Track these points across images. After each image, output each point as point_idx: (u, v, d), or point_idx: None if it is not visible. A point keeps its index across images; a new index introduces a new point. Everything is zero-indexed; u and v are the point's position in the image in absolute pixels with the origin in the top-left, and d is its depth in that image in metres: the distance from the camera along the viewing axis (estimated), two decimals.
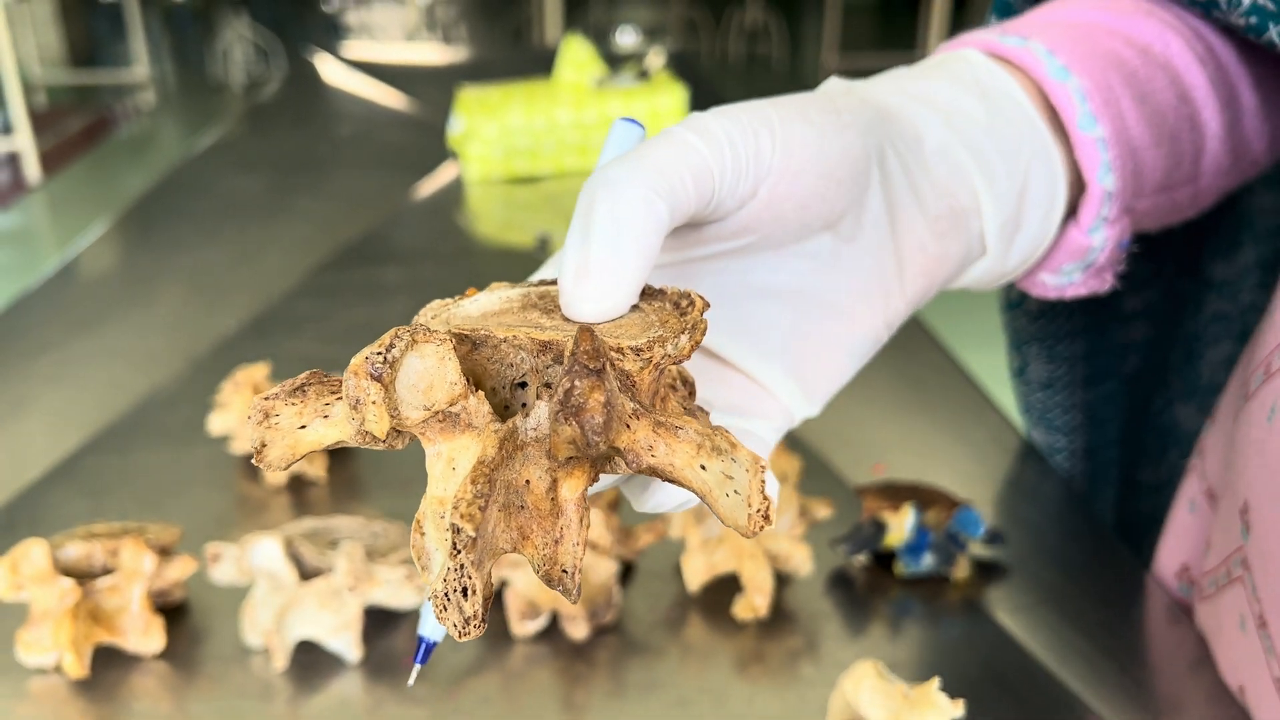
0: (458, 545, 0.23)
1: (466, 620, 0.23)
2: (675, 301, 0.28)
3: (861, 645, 0.48)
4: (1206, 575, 0.48)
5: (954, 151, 0.35)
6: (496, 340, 0.26)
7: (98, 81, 4.91)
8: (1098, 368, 0.59)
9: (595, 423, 0.23)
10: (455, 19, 6.04)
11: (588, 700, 0.45)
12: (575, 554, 0.24)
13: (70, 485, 0.59)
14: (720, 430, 0.25)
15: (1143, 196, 0.41)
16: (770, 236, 0.32)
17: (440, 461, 0.25)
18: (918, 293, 0.35)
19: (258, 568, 0.46)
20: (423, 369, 0.24)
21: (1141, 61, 0.41)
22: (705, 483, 0.25)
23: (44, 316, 0.83)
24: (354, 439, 0.25)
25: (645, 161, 0.28)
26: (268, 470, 0.25)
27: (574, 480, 0.25)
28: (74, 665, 0.44)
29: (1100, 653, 0.48)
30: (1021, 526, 0.56)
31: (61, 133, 3.99)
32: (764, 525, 0.25)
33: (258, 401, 0.25)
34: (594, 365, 0.24)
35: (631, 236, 0.27)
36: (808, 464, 0.60)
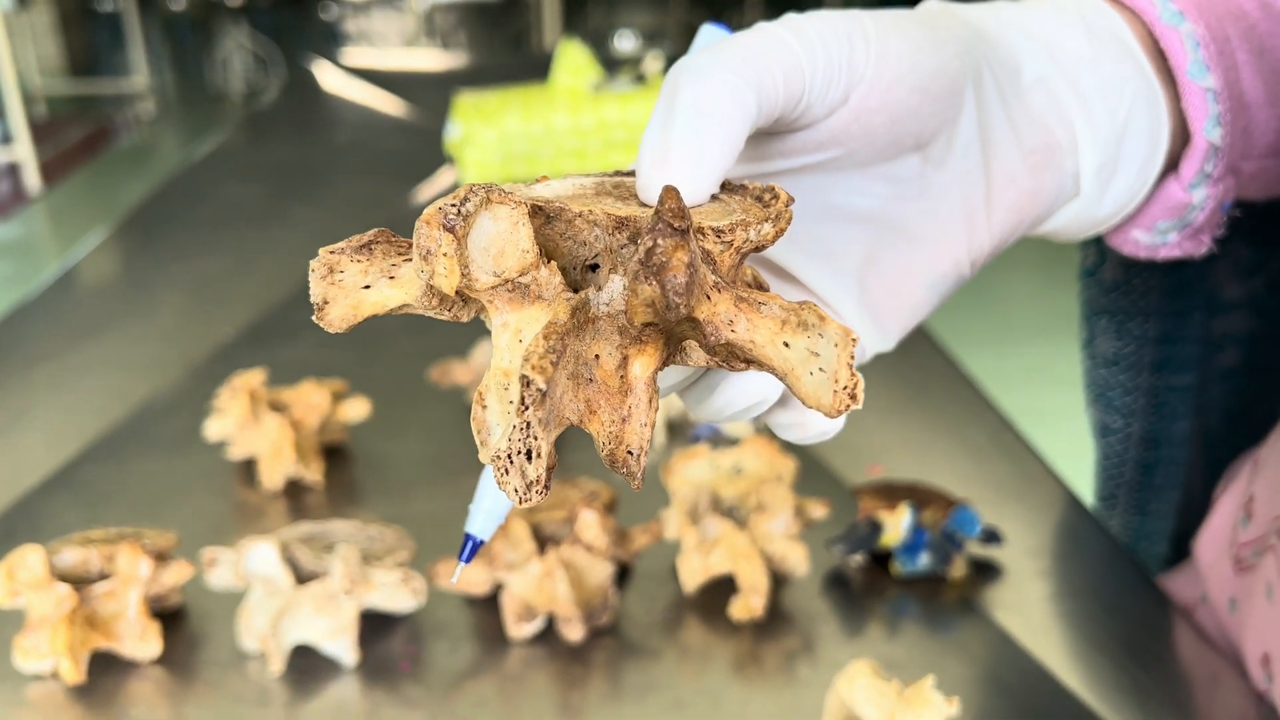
0: (526, 400, 0.21)
1: (529, 485, 0.22)
2: (758, 195, 0.27)
3: (858, 645, 0.48)
4: (1249, 545, 0.47)
5: (1053, 84, 0.34)
6: (571, 215, 0.24)
7: (97, 91, 4.92)
8: (1173, 355, 0.56)
9: (677, 283, 0.22)
10: (454, 25, 6.05)
11: (584, 702, 0.45)
12: (643, 435, 0.24)
13: (68, 493, 0.59)
14: (808, 305, 0.24)
15: (1251, 158, 0.39)
16: (857, 153, 0.31)
17: (507, 332, 0.24)
18: (1005, 229, 0.34)
19: (253, 572, 0.46)
20: (495, 232, 0.23)
21: (1263, 15, 0.39)
22: (788, 361, 0.24)
23: (43, 325, 0.83)
24: (420, 301, 0.24)
25: (734, 51, 0.27)
26: (328, 328, 0.24)
27: (645, 358, 0.24)
28: (71, 671, 0.44)
29: (1097, 651, 0.48)
30: (1018, 526, 0.56)
31: (61, 143, 4.00)
32: (850, 405, 0.23)
33: (323, 255, 0.24)
34: (679, 224, 0.22)
35: (716, 122, 0.26)
36: (804, 464, 0.60)
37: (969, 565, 0.53)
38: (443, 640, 0.48)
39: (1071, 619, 0.50)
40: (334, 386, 0.63)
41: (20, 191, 3.53)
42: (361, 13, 6.55)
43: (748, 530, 0.50)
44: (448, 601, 0.50)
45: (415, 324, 0.81)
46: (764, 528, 0.50)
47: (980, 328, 2.44)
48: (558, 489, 0.51)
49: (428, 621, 0.49)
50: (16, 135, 3.55)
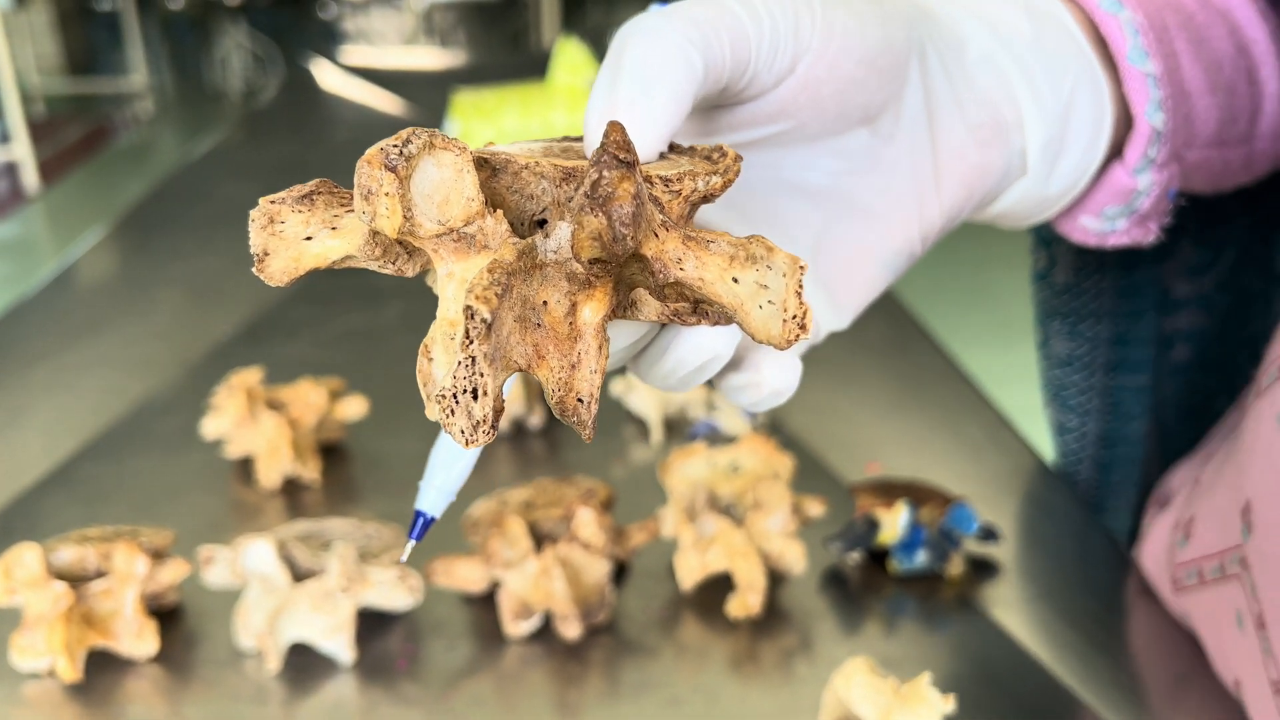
0: (470, 333, 0.21)
1: (475, 425, 0.21)
2: (706, 155, 0.27)
3: (855, 643, 0.48)
4: (1186, 565, 0.47)
5: (998, 61, 0.34)
6: (518, 166, 0.24)
7: (96, 90, 4.92)
8: (1127, 356, 0.57)
9: (624, 213, 0.22)
10: (453, 24, 6.05)
11: (581, 700, 0.45)
12: (593, 382, 0.23)
13: (65, 491, 0.59)
14: (756, 238, 0.24)
15: (1193, 147, 0.39)
16: (806, 126, 0.31)
17: (453, 282, 0.23)
18: (954, 204, 0.34)
19: (250, 570, 0.46)
20: (439, 179, 0.22)
21: (1200, 8, 0.40)
22: (737, 296, 0.23)
23: (40, 324, 0.83)
24: (363, 250, 0.23)
25: (682, 14, 0.27)
26: (269, 281, 0.23)
27: (595, 303, 0.23)
28: (67, 669, 0.44)
29: (1095, 649, 0.48)
30: (1016, 523, 0.56)
31: (60, 142, 4.00)
32: (800, 334, 0.23)
33: (263, 204, 0.23)
34: (625, 156, 0.22)
35: (664, 81, 0.26)
36: (801, 462, 0.60)
37: (966, 563, 0.53)
38: (440, 638, 0.48)
39: (1069, 616, 0.50)
40: (331, 385, 0.63)
41: (18, 191, 3.53)
42: (360, 12, 6.55)
43: (745, 528, 0.50)
44: (445, 600, 0.50)
45: (413, 322, 0.81)
46: (761, 525, 0.50)
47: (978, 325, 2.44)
48: (554, 487, 0.51)
49: (425, 620, 0.49)
50: (15, 134, 3.55)
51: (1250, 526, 0.43)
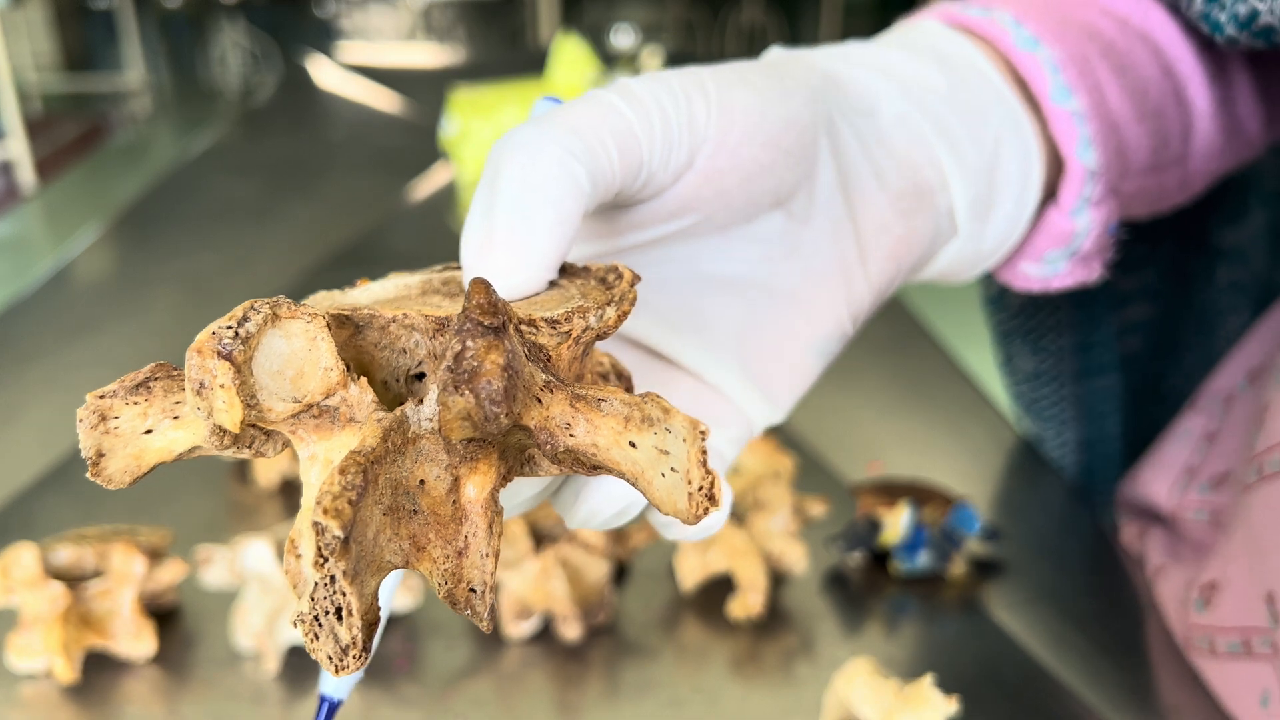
0: (324, 550, 0.18)
1: (344, 649, 0.19)
2: (600, 277, 0.24)
3: (857, 644, 0.48)
4: (1203, 630, 0.45)
5: (913, 122, 0.32)
6: (384, 321, 0.21)
7: (92, 88, 4.91)
8: (1091, 361, 0.56)
9: (493, 389, 0.19)
10: (451, 21, 6.04)
11: (581, 701, 0.45)
12: (484, 568, 0.20)
13: (62, 491, 0.59)
14: (650, 396, 0.21)
15: (1128, 177, 0.38)
16: (715, 217, 0.29)
17: (316, 465, 0.20)
18: (883, 279, 0.32)
19: (248, 570, 0.46)
20: (289, 352, 0.20)
21: (1119, 32, 0.38)
22: (636, 464, 0.21)
23: (37, 323, 0.82)
24: (208, 441, 0.20)
25: (561, 122, 0.24)
26: (107, 485, 0.20)
27: (479, 476, 0.20)
28: (65, 670, 0.44)
29: (1098, 649, 0.47)
30: (1018, 523, 0.56)
31: (57, 140, 3.99)
32: (709, 508, 0.20)
33: (90, 401, 0.21)
34: (490, 321, 0.19)
35: (544, 201, 0.23)
36: (802, 462, 0.60)
37: (968, 563, 0.52)
38: (439, 639, 0.48)
39: (1072, 617, 0.49)
40: None
41: (15, 188, 3.53)
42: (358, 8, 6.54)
43: (746, 528, 0.50)
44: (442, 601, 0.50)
45: None
46: (762, 526, 0.50)
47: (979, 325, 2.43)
48: None
49: (424, 620, 0.49)
50: (11, 132, 3.54)
51: (1277, 617, 0.41)
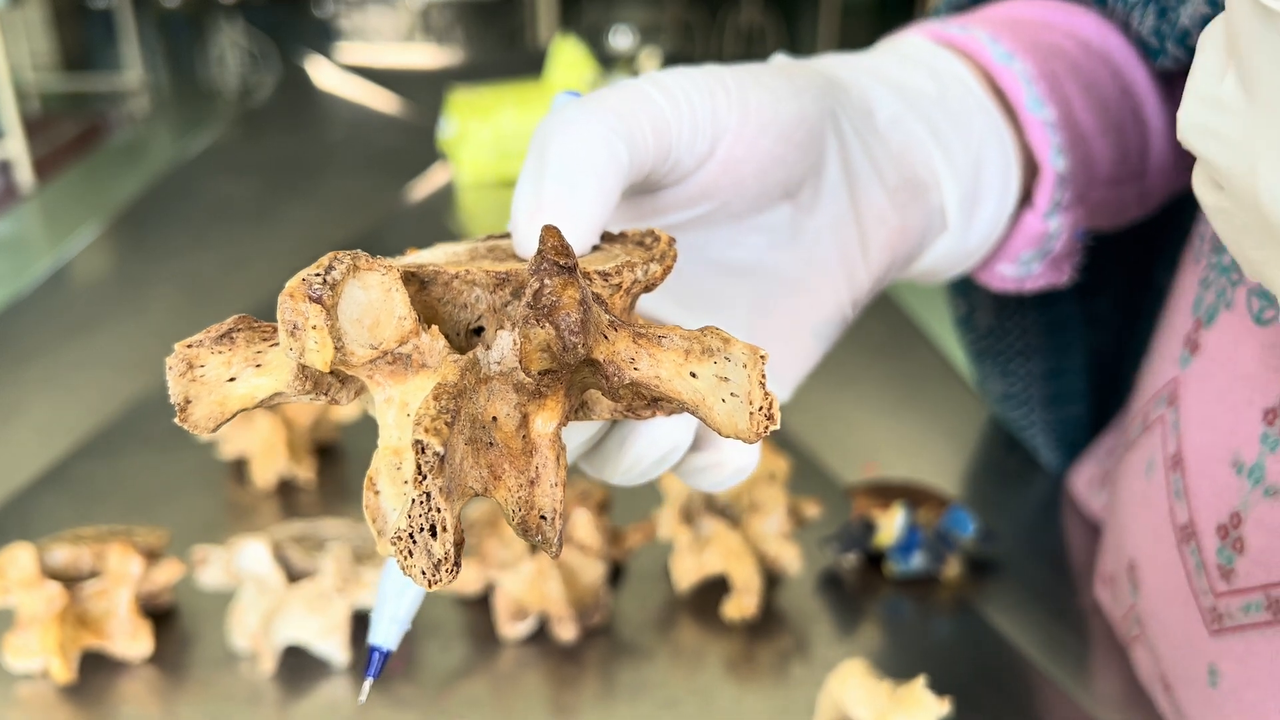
0: (423, 468, 0.19)
1: (437, 564, 0.20)
2: (638, 240, 0.26)
3: (852, 645, 0.48)
4: (1124, 619, 0.46)
5: (907, 123, 0.35)
6: (447, 276, 0.23)
7: (91, 88, 4.91)
8: (1063, 389, 0.57)
9: (572, 320, 0.20)
10: (449, 22, 6.04)
11: (577, 702, 0.45)
12: (554, 497, 0.22)
13: (59, 490, 0.59)
14: (709, 329, 0.23)
15: (1094, 186, 0.40)
16: (729, 205, 0.31)
17: (392, 408, 0.22)
18: (881, 267, 0.34)
19: (245, 571, 0.46)
20: (367, 301, 0.21)
21: (1083, 54, 0.41)
22: (697, 392, 0.22)
23: (35, 322, 0.83)
24: (292, 386, 0.22)
25: (603, 104, 0.26)
26: (194, 430, 0.22)
27: (547, 413, 0.22)
28: (61, 670, 0.44)
29: (1092, 651, 0.48)
30: (1013, 525, 0.56)
31: (55, 139, 3.99)
32: (768, 426, 0.22)
33: (179, 350, 0.22)
34: (565, 261, 0.21)
35: (590, 175, 0.25)
36: (797, 463, 0.60)
37: (963, 565, 0.53)
38: (435, 640, 0.48)
39: (1066, 619, 0.50)
40: None
41: (13, 188, 3.52)
42: (356, 9, 6.54)
43: (741, 530, 0.50)
44: (440, 601, 0.50)
45: None
46: (757, 527, 0.50)
47: None
48: None
49: (420, 621, 0.49)
50: (9, 131, 3.54)
51: (1136, 585, 0.43)
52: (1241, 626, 0.35)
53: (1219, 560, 0.36)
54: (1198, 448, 0.38)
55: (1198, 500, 0.38)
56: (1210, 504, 0.37)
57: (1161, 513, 0.40)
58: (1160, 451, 0.41)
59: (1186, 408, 0.39)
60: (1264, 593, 0.34)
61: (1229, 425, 0.36)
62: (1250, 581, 0.35)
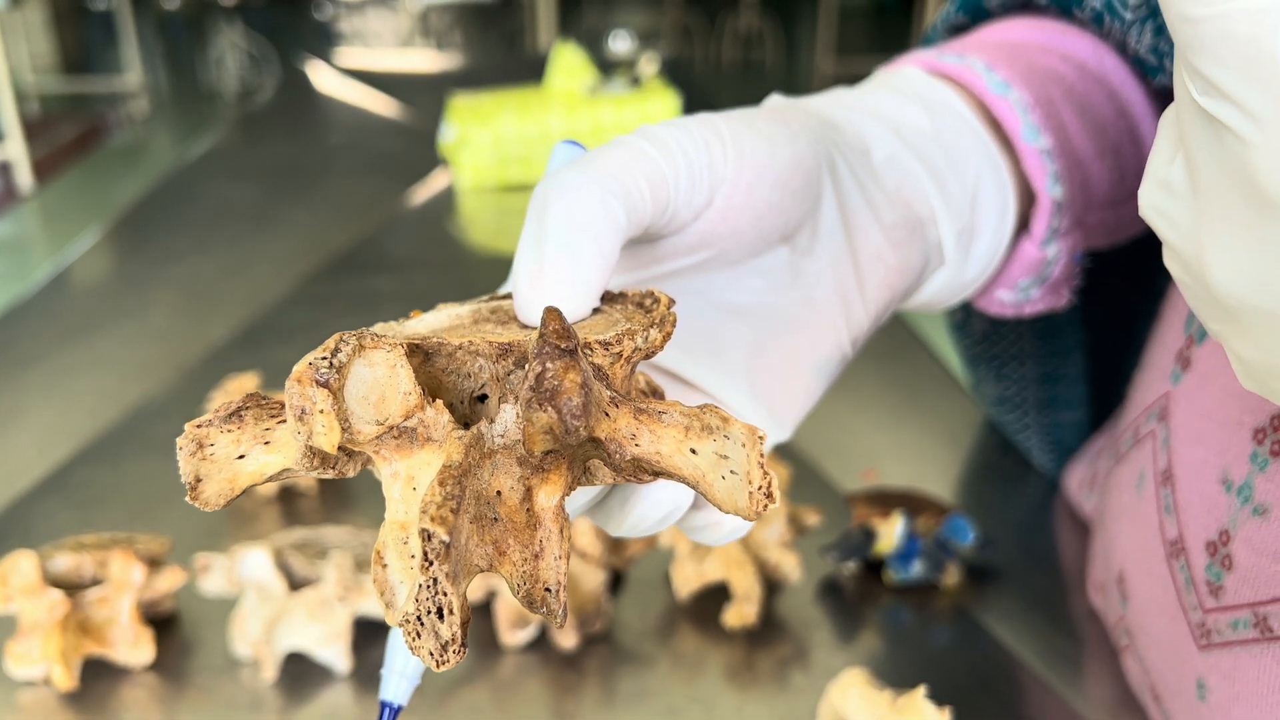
0: (429, 555, 0.20)
1: (444, 646, 0.20)
2: (638, 302, 0.27)
3: (851, 653, 0.48)
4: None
5: (903, 160, 0.35)
6: (451, 348, 0.23)
7: (90, 89, 4.91)
8: (1058, 394, 0.57)
9: (573, 405, 0.21)
10: (449, 26, 6.05)
11: (577, 709, 0.45)
12: (558, 569, 0.22)
13: (61, 496, 0.59)
14: (708, 407, 0.23)
15: (1091, 210, 0.41)
16: (727, 252, 0.31)
17: (399, 482, 0.22)
18: (879, 305, 0.35)
19: (247, 578, 0.46)
20: (372, 379, 0.22)
21: (1078, 76, 0.41)
22: (698, 468, 0.23)
23: (35, 327, 0.83)
24: (300, 463, 0.22)
25: (599, 165, 0.27)
26: (205, 508, 0.22)
27: (550, 486, 0.22)
28: (63, 677, 0.44)
29: (1092, 659, 0.48)
30: (1012, 533, 0.57)
31: (54, 141, 3.99)
32: (768, 504, 0.22)
33: (189, 431, 0.22)
34: (566, 345, 0.21)
35: (589, 237, 0.26)
36: (797, 471, 0.60)
37: (962, 573, 0.53)
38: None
39: (1065, 626, 0.50)
40: None
41: (12, 189, 3.52)
42: (356, 13, 6.54)
43: (741, 538, 0.50)
44: None
45: None
46: (757, 535, 0.50)
47: None
48: None
49: None
50: (9, 133, 3.54)
51: (1125, 596, 0.43)
52: (1229, 643, 0.35)
53: (1208, 577, 0.36)
54: (1188, 464, 0.38)
55: (1187, 516, 0.38)
56: (1200, 520, 0.37)
57: (1151, 527, 0.40)
58: (1151, 466, 0.41)
59: (1177, 423, 0.39)
60: (1252, 610, 0.34)
61: (1219, 443, 0.36)
62: (1238, 599, 0.35)
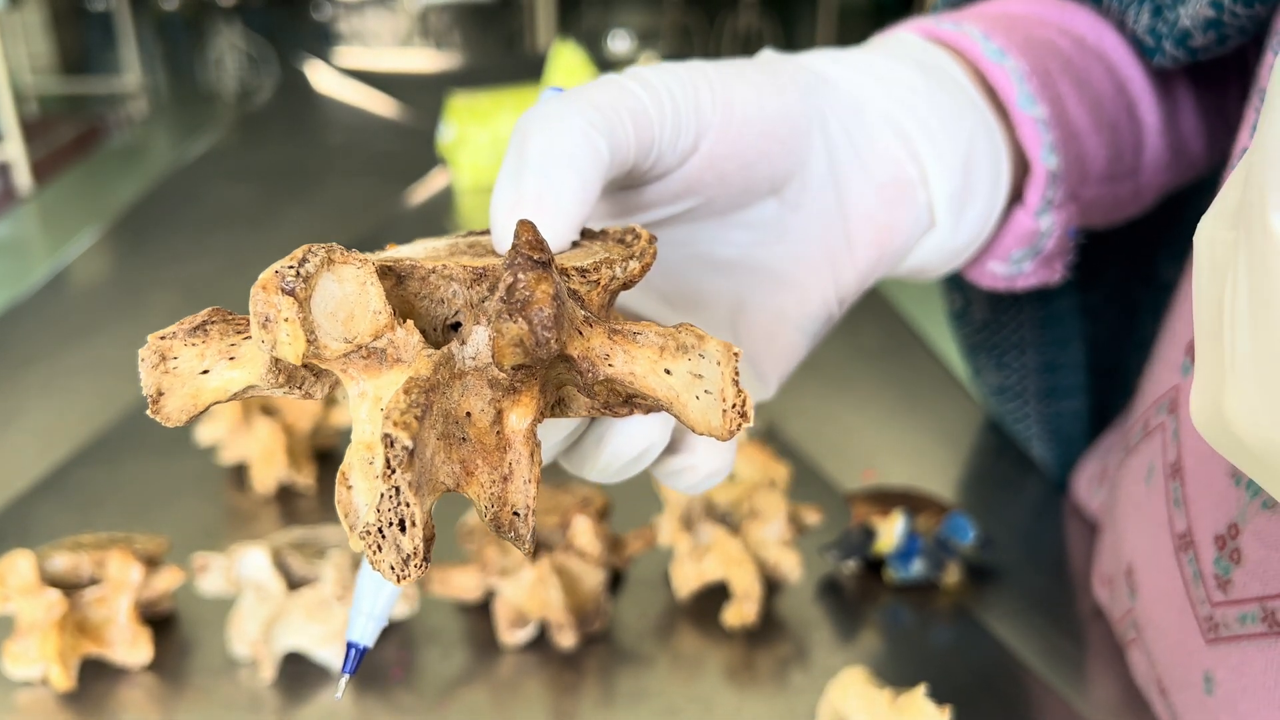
0: (391, 461, 0.19)
1: (405, 559, 0.20)
2: (619, 238, 0.26)
3: (851, 652, 0.48)
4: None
5: (897, 119, 0.34)
6: (424, 271, 0.23)
7: (89, 90, 4.90)
8: (1058, 382, 0.57)
9: (544, 315, 0.20)
10: (448, 26, 6.05)
11: (577, 709, 0.45)
12: (527, 493, 0.21)
13: (59, 497, 0.59)
14: (684, 326, 0.23)
15: (1087, 184, 0.40)
16: (714, 201, 0.31)
17: (366, 402, 0.21)
18: (868, 265, 0.34)
19: (245, 578, 0.46)
20: (341, 295, 0.21)
21: (1077, 50, 0.41)
22: (671, 389, 0.22)
23: (34, 327, 0.82)
24: (265, 379, 0.22)
25: (583, 99, 0.26)
26: (166, 422, 0.22)
27: (521, 408, 0.22)
28: (61, 677, 0.44)
29: (1092, 658, 0.48)
30: (1012, 531, 0.56)
31: (53, 142, 3.98)
32: (741, 423, 0.22)
33: (152, 342, 0.22)
34: (538, 256, 0.21)
35: (570, 169, 0.25)
36: (797, 470, 0.60)
37: (963, 572, 0.53)
38: (434, 647, 0.48)
39: (1066, 625, 0.50)
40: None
41: (11, 190, 3.52)
42: (355, 13, 6.54)
43: (741, 536, 0.50)
44: (440, 608, 0.50)
45: None
46: (757, 534, 0.50)
47: None
48: (551, 495, 0.51)
49: (419, 628, 0.49)
50: (8, 134, 3.54)
51: (1134, 589, 0.43)
52: (1237, 637, 0.35)
53: (1216, 570, 0.36)
54: (1197, 457, 0.38)
55: (1196, 509, 0.38)
56: (1208, 514, 0.37)
57: (1160, 520, 0.40)
58: (1160, 458, 0.41)
59: (1187, 416, 0.39)
60: (1260, 604, 0.34)
61: None
62: (1246, 593, 0.35)
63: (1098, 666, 0.47)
